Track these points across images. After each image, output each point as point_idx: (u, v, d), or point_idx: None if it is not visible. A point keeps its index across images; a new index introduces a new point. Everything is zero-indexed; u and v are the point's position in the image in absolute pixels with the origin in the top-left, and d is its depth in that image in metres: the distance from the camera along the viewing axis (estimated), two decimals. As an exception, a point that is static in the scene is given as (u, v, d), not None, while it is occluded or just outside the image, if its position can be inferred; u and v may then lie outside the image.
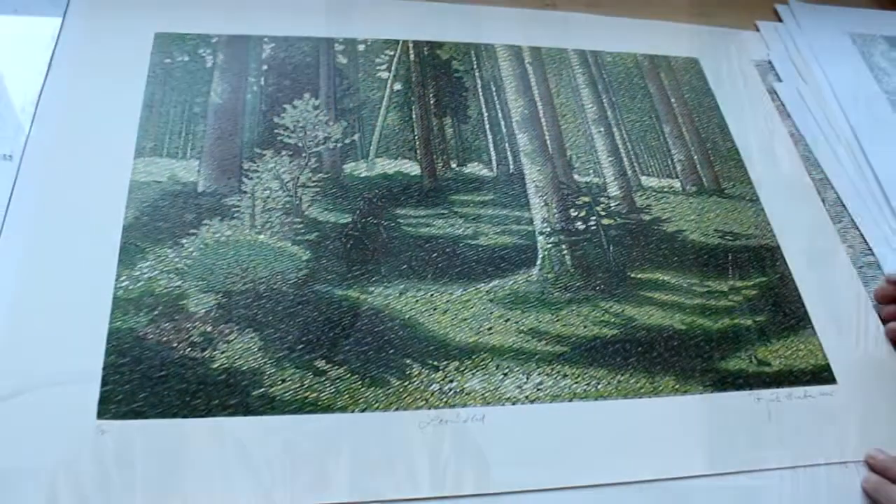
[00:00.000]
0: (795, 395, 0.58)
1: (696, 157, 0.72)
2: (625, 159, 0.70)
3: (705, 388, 0.57)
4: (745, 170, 0.72)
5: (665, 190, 0.69)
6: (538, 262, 0.62)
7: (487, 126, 0.69)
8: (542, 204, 0.65)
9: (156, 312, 0.54)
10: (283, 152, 0.64)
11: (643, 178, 0.69)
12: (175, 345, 0.53)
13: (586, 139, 0.71)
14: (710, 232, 0.67)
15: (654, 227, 0.66)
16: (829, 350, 0.61)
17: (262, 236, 0.59)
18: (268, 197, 0.61)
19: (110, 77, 0.65)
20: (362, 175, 0.64)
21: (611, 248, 0.64)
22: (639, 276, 0.63)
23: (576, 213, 0.65)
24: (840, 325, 0.63)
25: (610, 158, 0.70)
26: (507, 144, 0.68)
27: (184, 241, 0.58)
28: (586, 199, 0.67)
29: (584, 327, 0.59)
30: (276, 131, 0.65)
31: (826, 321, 0.63)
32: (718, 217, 0.68)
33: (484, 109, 0.70)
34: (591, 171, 0.69)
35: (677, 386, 0.57)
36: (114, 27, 0.68)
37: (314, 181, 0.63)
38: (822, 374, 0.60)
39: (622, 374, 0.57)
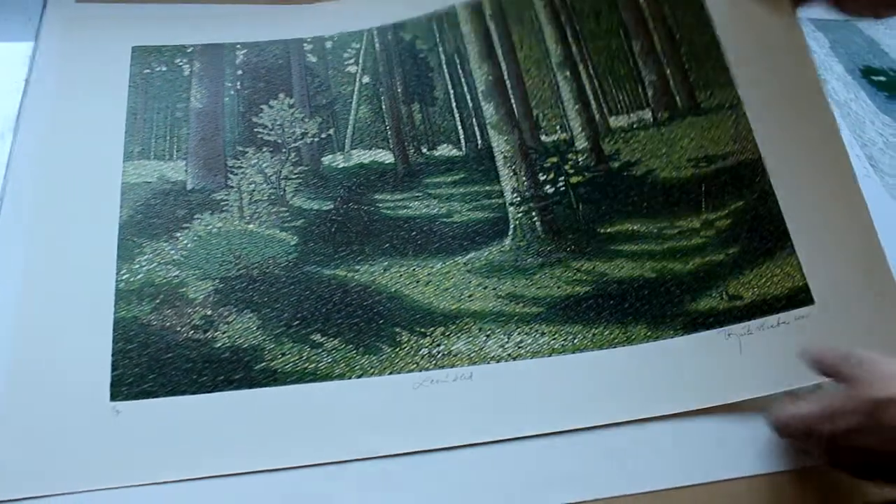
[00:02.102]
0: (768, 325, 0.61)
1: (668, 70, 0.71)
2: (592, 103, 0.72)
3: (676, 332, 0.61)
4: (726, 66, 0.69)
5: (634, 126, 0.71)
6: (510, 232, 0.66)
7: (454, 104, 0.73)
8: (511, 174, 0.69)
9: (157, 301, 0.58)
10: (265, 149, 0.67)
11: (612, 119, 0.71)
12: (178, 329, 0.57)
13: (552, 91, 0.72)
14: (682, 164, 0.68)
15: (623, 174, 0.68)
16: (808, 268, 0.62)
17: (251, 226, 0.63)
18: (253, 190, 0.65)
19: (91, 90, 0.68)
20: (340, 166, 0.68)
21: (580, 206, 0.67)
22: (608, 230, 0.66)
23: (544, 177, 0.69)
24: (824, 239, 0.63)
25: (576, 106, 0.72)
26: (473, 120, 0.72)
27: (178, 234, 0.61)
28: (554, 159, 0.69)
29: (558, 288, 0.63)
30: (255, 130, 0.68)
31: (808, 236, 0.63)
32: (692, 143, 0.69)
33: (449, 86, 0.74)
34: (557, 126, 0.71)
35: (649, 333, 0.61)
36: (89, 45, 0.71)
37: (296, 173, 0.67)
38: (798, 297, 0.62)
39: (596, 328, 0.61)
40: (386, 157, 0.69)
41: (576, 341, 0.60)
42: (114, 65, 0.70)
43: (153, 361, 0.55)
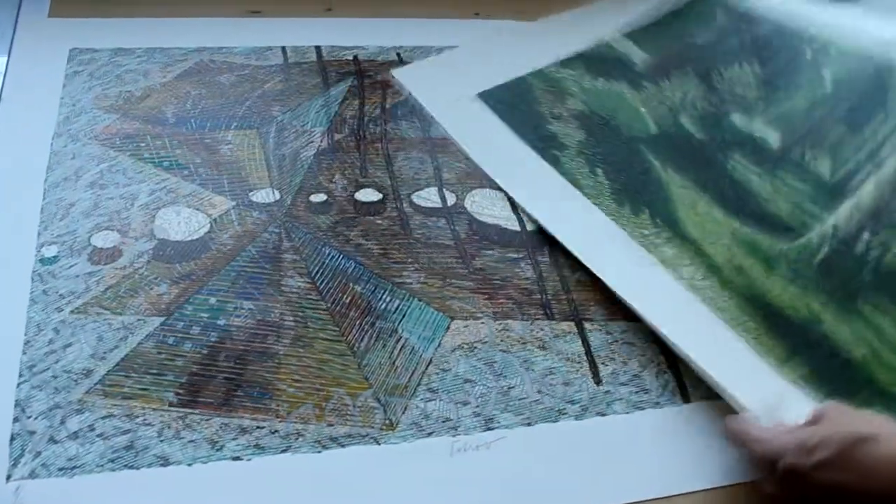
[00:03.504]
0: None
1: None
2: None
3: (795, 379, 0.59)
4: None
5: None
6: (792, 241, 0.67)
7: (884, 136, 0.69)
8: (848, 218, 0.66)
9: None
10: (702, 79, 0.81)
11: None
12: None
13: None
14: None
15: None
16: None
17: (641, 108, 0.79)
18: (681, 98, 0.80)
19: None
20: (736, 126, 0.76)
21: (868, 277, 0.64)
22: (863, 308, 0.62)
23: (868, 238, 0.65)
24: None
25: None
26: (876, 165, 0.68)
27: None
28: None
29: (777, 296, 0.64)
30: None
31: None
32: None
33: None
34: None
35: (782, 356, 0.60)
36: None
37: (703, 105, 0.78)
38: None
39: (763, 338, 0.61)
40: (774, 140, 0.74)
41: (735, 320, 0.62)
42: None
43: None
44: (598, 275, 0.65)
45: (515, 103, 0.77)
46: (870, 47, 0.75)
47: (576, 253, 0.66)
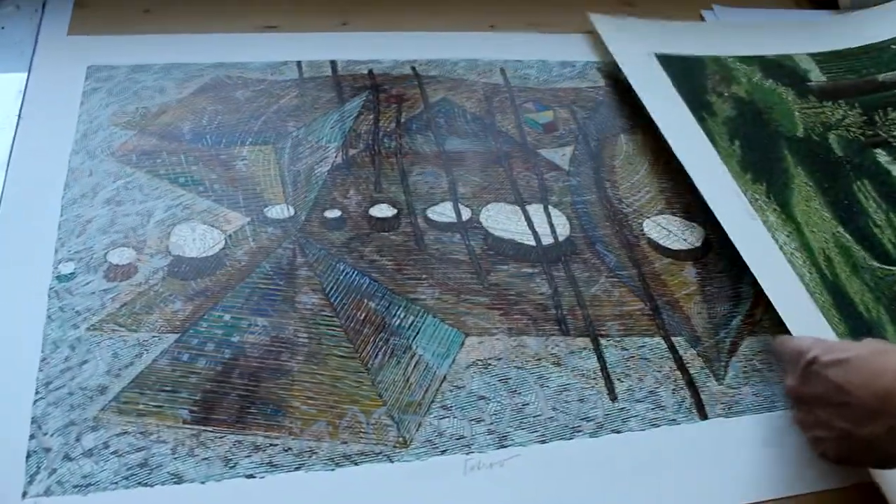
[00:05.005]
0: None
1: None
2: None
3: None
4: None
5: None
6: (884, 266, 0.70)
7: None
8: None
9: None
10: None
11: None
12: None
13: None
14: None
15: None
16: None
17: (796, 112, 0.84)
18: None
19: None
20: (879, 161, 0.80)
21: None
22: None
23: None
24: None
25: None
26: None
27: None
28: None
29: (853, 294, 0.67)
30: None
31: None
32: None
33: None
34: None
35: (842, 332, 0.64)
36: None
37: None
38: None
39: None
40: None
41: (813, 287, 0.66)
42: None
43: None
44: (700, 189, 0.72)
45: (685, 71, 0.86)
46: None
47: (691, 174, 0.73)
